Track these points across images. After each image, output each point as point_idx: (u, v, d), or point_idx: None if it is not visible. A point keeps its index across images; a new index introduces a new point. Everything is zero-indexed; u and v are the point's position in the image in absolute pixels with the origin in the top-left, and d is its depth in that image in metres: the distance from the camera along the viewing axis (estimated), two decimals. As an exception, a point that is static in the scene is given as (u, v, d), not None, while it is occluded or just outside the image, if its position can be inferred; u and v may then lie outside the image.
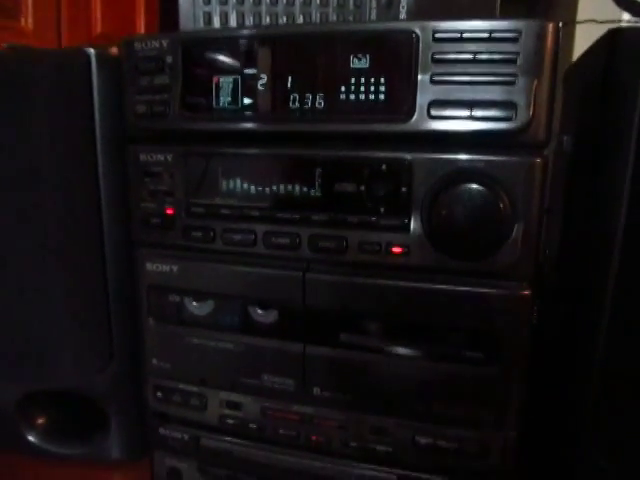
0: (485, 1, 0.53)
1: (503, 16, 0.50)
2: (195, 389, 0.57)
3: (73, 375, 0.64)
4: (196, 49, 0.50)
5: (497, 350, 0.47)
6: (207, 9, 0.54)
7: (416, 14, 0.52)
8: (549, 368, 0.55)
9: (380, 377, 0.51)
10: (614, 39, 0.47)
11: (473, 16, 0.44)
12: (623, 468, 0.46)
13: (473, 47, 0.43)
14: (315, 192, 0.49)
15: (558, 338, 0.54)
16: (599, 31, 0.52)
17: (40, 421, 0.71)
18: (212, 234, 0.52)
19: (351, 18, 0.52)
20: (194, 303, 0.55)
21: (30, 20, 1.50)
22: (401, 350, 0.50)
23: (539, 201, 0.45)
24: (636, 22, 0.64)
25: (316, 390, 0.52)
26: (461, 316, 0.47)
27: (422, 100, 0.44)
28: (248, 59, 0.49)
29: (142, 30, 1.71)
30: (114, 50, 0.58)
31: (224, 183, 0.51)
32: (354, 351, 0.51)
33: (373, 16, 0.52)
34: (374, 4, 0.52)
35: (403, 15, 0.52)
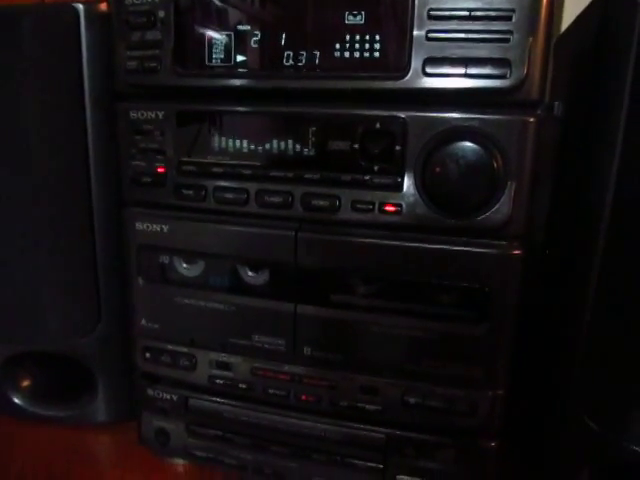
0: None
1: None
2: (184, 349, 0.57)
3: (60, 337, 0.64)
4: (189, 4, 0.49)
5: (487, 309, 0.48)
6: (200, -36, 0.53)
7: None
8: (538, 327, 0.56)
9: (371, 336, 0.51)
10: (607, 7, 0.47)
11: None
12: (608, 427, 0.47)
13: (469, 3, 0.43)
14: (308, 150, 0.48)
15: (547, 298, 0.55)
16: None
17: (26, 383, 0.71)
18: (204, 192, 0.52)
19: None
20: (184, 263, 0.55)
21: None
22: (392, 309, 0.50)
23: (532, 160, 0.45)
24: None
25: (307, 350, 0.52)
26: (452, 275, 0.48)
27: (417, 57, 0.44)
28: (241, 15, 0.48)
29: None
30: (103, 6, 0.57)
31: (216, 141, 0.51)
32: (345, 310, 0.51)
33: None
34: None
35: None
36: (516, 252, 0.47)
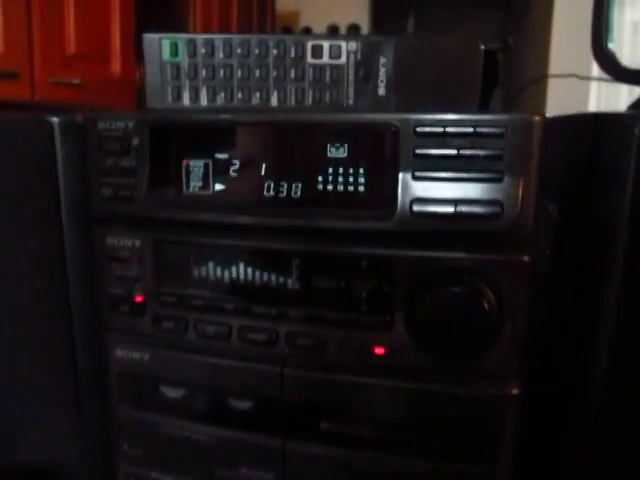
0: (468, 71, 0.51)
1: (483, 104, 0.48)
2: (169, 478, 0.54)
3: (39, 451, 0.61)
4: (164, 131, 0.47)
5: (484, 448, 0.45)
6: (176, 84, 0.50)
7: (396, 88, 0.50)
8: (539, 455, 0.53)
9: (362, 472, 0.48)
10: (600, 125, 0.45)
11: (456, 109, 0.41)
12: None
13: (457, 142, 0.41)
14: (293, 286, 0.46)
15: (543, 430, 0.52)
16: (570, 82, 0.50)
17: (9, 496, 0.68)
18: (184, 325, 0.49)
19: (328, 93, 0.50)
20: (167, 392, 0.52)
21: (0, 42, 1.44)
22: (383, 446, 0.47)
23: (528, 299, 0.43)
24: (608, 79, 0.62)
25: (296, 485, 0.50)
26: (446, 415, 0.45)
27: (404, 197, 0.42)
28: (220, 143, 0.46)
29: (117, 51, 1.66)
30: (79, 117, 0.55)
31: (196, 272, 0.48)
32: (335, 447, 0.48)
33: (351, 90, 0.50)
34: (351, 77, 0.50)
35: (382, 89, 0.50)
36: (514, 392, 0.44)
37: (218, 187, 0.46)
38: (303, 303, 0.46)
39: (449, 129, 0.41)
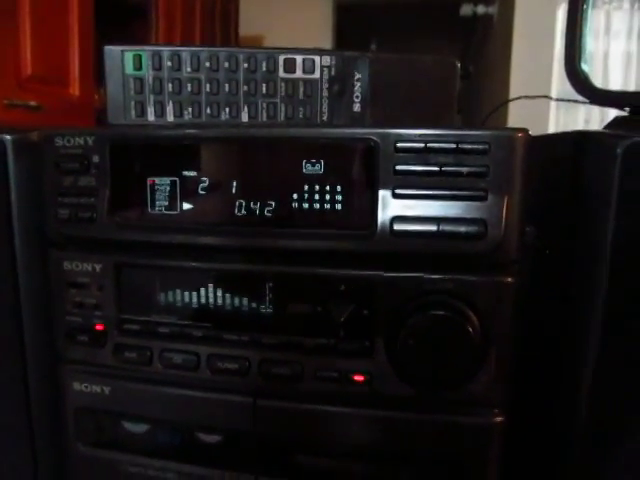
0: (444, 89, 0.49)
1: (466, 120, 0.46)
2: (132, 521, 0.50)
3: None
4: (127, 147, 0.44)
5: (468, 478, 0.43)
6: (139, 99, 0.48)
7: (371, 105, 0.48)
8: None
9: (341, 510, 0.45)
10: (581, 144, 0.44)
11: (438, 125, 0.40)
12: None
13: (439, 158, 0.39)
14: (266, 311, 0.43)
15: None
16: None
17: None
18: (149, 355, 0.46)
19: (301, 109, 0.48)
20: (129, 428, 0.49)
21: (-50, 62, 1.39)
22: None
23: (513, 321, 0.41)
24: (579, 101, 0.61)
25: (270, 526, 0.46)
26: (428, 444, 0.43)
27: (384, 216, 0.40)
28: (187, 160, 0.43)
29: (76, 74, 1.62)
30: (35, 135, 0.51)
31: (162, 297, 0.45)
32: (312, 483, 0.45)
33: (325, 106, 0.48)
34: (325, 93, 0.48)
35: (357, 106, 0.48)
36: (498, 420, 0.42)
37: (186, 207, 0.44)
38: (277, 329, 0.43)
39: (431, 144, 0.39)
